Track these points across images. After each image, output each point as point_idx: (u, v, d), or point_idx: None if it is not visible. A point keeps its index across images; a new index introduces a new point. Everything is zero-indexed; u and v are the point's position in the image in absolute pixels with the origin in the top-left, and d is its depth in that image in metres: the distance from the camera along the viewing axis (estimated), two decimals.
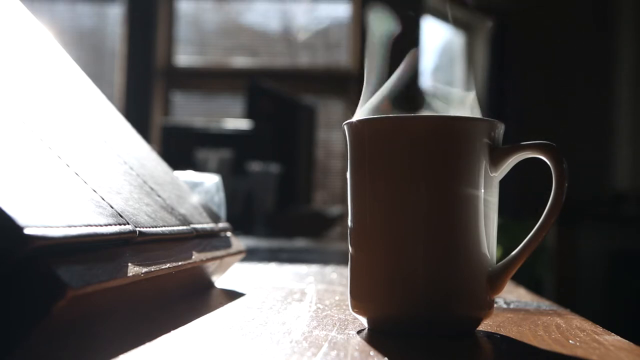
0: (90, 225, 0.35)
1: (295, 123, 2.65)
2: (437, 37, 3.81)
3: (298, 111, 2.67)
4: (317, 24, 3.62)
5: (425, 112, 0.44)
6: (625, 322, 3.00)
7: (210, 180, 0.72)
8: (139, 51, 3.53)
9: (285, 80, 3.40)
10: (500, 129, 0.41)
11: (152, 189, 0.52)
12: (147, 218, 0.44)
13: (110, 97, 0.65)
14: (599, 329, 0.43)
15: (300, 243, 1.56)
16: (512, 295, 0.60)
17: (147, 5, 3.54)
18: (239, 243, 0.65)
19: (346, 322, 0.43)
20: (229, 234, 0.64)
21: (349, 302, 0.42)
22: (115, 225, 0.38)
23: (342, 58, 3.58)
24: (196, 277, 0.55)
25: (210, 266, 0.56)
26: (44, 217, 0.31)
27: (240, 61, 3.63)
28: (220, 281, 0.63)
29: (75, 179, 0.39)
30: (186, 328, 0.39)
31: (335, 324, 0.42)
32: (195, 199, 0.63)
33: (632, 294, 3.13)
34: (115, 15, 3.63)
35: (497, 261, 0.41)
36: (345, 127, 0.43)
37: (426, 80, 3.53)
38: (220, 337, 0.38)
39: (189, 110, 3.68)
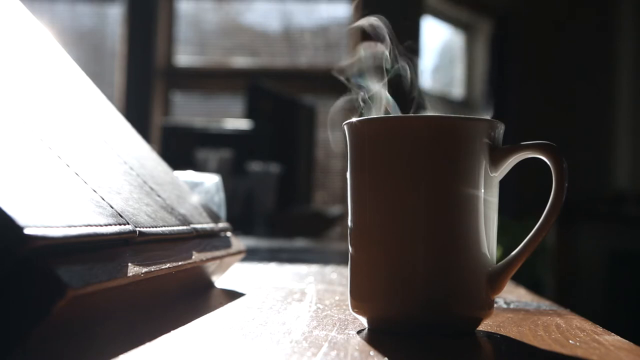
0: (90, 225, 0.35)
1: (295, 123, 2.64)
2: (437, 37, 3.81)
3: (298, 111, 2.67)
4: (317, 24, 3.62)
5: (425, 112, 0.44)
6: (625, 322, 3.00)
7: (210, 180, 0.72)
8: (139, 51, 3.53)
9: (285, 80, 3.39)
10: (500, 129, 0.41)
11: (152, 189, 0.52)
12: (147, 218, 0.44)
13: (110, 97, 0.65)
14: (599, 329, 0.43)
15: (300, 243, 1.56)
16: (512, 295, 0.60)
17: (147, 5, 3.54)
18: (239, 243, 0.65)
19: (346, 322, 0.43)
20: (229, 234, 0.64)
21: (349, 302, 0.42)
22: (115, 225, 0.38)
23: (342, 58, 3.58)
24: (196, 277, 0.55)
25: (210, 266, 0.56)
26: (44, 217, 0.31)
27: (240, 61, 3.63)
28: (220, 281, 0.63)
29: (75, 179, 0.39)
30: (186, 328, 0.39)
31: (335, 324, 0.42)
32: (195, 199, 0.63)
33: (632, 294, 3.13)
34: (115, 15, 3.63)
35: (497, 261, 0.41)
36: (345, 127, 0.43)
37: (425, 81, 3.53)
38: (220, 337, 0.38)
39: (189, 110, 3.67)
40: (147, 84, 3.53)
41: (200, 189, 0.69)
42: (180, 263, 0.46)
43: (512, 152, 0.41)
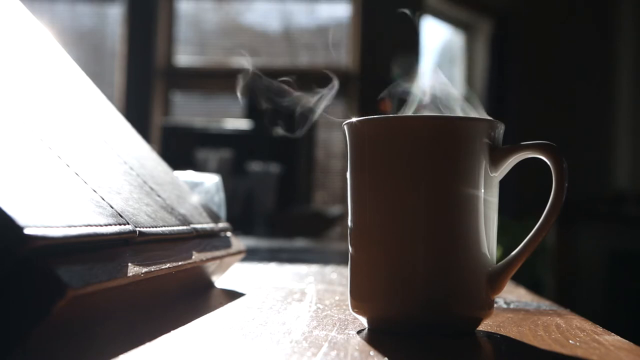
0: (90, 225, 0.35)
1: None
2: (437, 37, 3.80)
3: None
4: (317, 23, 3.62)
5: (425, 112, 0.44)
6: (625, 322, 3.00)
7: (210, 180, 0.72)
8: (139, 51, 3.53)
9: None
10: (500, 129, 0.41)
11: (152, 189, 0.52)
12: (147, 218, 0.44)
13: (110, 97, 0.65)
14: (599, 329, 0.43)
15: (300, 243, 1.56)
16: (512, 295, 0.60)
17: (147, 5, 3.54)
18: (239, 243, 0.65)
19: (346, 322, 0.43)
20: (229, 234, 0.64)
21: (349, 302, 0.42)
22: (115, 225, 0.38)
23: (342, 58, 3.58)
24: (196, 277, 0.55)
25: (210, 266, 0.56)
26: (44, 217, 0.31)
27: (241, 61, 3.63)
28: (220, 281, 0.63)
29: (75, 179, 0.39)
30: (186, 328, 0.39)
31: (335, 324, 0.42)
32: (195, 199, 0.63)
33: (632, 294, 3.13)
34: (115, 15, 3.63)
35: (497, 261, 0.41)
36: (345, 127, 0.43)
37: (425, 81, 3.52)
38: (220, 337, 0.38)
39: (189, 110, 3.67)
40: (147, 84, 3.53)
41: (200, 189, 0.69)
42: (180, 263, 0.46)
43: (512, 152, 0.41)
